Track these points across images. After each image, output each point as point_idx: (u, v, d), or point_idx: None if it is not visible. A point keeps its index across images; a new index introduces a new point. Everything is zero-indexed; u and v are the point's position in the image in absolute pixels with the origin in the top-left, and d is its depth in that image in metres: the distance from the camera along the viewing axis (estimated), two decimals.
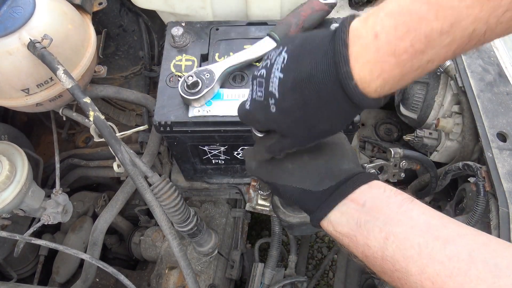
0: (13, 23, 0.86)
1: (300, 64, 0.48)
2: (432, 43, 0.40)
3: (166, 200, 0.86)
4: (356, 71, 0.43)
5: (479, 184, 0.86)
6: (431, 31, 0.39)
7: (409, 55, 0.41)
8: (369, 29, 0.43)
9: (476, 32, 0.38)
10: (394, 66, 0.42)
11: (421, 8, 0.39)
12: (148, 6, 1.16)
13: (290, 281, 1.26)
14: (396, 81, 0.44)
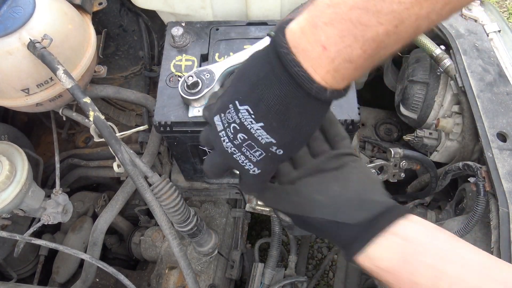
0: (13, 23, 0.86)
1: (268, 104, 0.47)
2: (382, 44, 0.41)
3: (166, 200, 0.86)
4: (322, 83, 0.44)
5: (479, 184, 0.86)
6: (377, 35, 0.40)
7: (364, 58, 0.42)
8: (312, 41, 0.43)
9: (421, 28, 0.40)
10: (353, 70, 0.43)
11: (361, 16, 0.39)
12: (148, 6, 1.16)
13: (290, 281, 1.26)
14: (358, 76, 0.46)
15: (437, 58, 1.03)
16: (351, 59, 0.42)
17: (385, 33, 0.39)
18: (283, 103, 0.47)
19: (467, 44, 1.05)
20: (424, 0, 0.37)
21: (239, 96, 0.49)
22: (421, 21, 0.39)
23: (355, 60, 0.42)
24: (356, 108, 0.90)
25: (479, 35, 1.08)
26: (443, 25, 1.08)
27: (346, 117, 0.89)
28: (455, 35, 1.06)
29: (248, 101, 0.49)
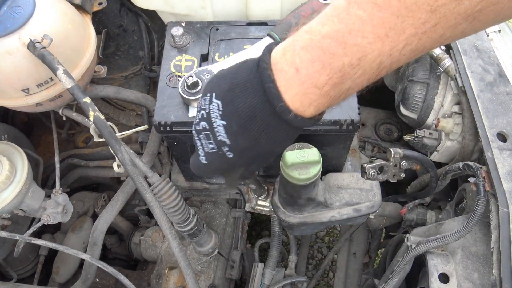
0: (13, 23, 0.86)
1: (236, 107, 0.50)
2: (347, 75, 0.43)
3: (166, 200, 0.86)
4: (289, 103, 0.47)
5: (479, 184, 0.86)
6: (343, 65, 0.42)
7: (330, 86, 0.44)
8: (289, 63, 0.46)
9: (383, 64, 0.42)
10: (319, 96, 0.46)
11: (330, 44, 0.42)
12: (148, 6, 1.16)
13: (290, 281, 1.26)
14: (326, 106, 0.49)
15: (437, 58, 1.03)
16: (318, 84, 0.44)
17: (350, 65, 0.42)
18: (249, 112, 0.50)
19: (467, 44, 1.05)
20: (385, 37, 0.39)
21: (217, 90, 0.53)
22: (383, 58, 0.41)
23: (322, 86, 0.44)
24: (356, 108, 0.90)
25: (479, 35, 1.08)
26: None
27: (346, 117, 0.89)
28: None
29: (221, 98, 0.52)
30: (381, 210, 1.24)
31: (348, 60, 0.42)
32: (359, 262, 1.55)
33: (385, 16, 0.38)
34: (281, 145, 0.54)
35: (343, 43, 0.41)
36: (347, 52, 0.41)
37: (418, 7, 0.37)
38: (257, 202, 1.12)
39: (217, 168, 0.59)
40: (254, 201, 1.12)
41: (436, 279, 0.85)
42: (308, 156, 0.81)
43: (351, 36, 0.41)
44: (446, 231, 0.92)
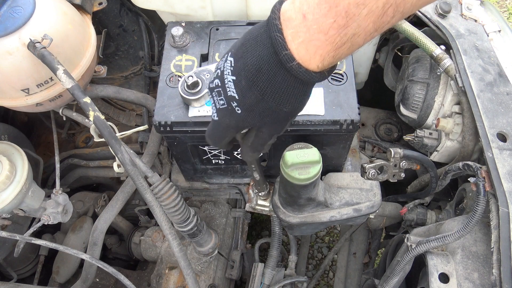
0: (13, 23, 0.86)
1: (246, 61, 0.50)
2: (352, 16, 0.42)
3: (166, 200, 0.86)
4: (294, 52, 0.46)
5: (479, 184, 0.86)
6: (348, 5, 0.42)
7: (335, 30, 0.44)
8: (297, 10, 0.45)
9: (389, 2, 0.41)
10: (325, 42, 0.45)
11: None
12: (148, 6, 1.16)
13: (290, 281, 1.26)
14: (332, 56, 0.47)
15: (437, 58, 1.03)
16: (323, 28, 0.44)
17: (355, 3, 0.41)
18: (256, 65, 0.49)
19: (467, 44, 1.05)
20: None
21: (232, 49, 0.53)
22: (387, 2, 0.41)
23: (327, 30, 0.44)
24: (356, 108, 0.90)
25: (479, 35, 1.08)
26: (443, 25, 1.08)
27: (346, 117, 0.89)
28: (455, 35, 1.06)
29: (234, 54, 0.52)
30: (381, 210, 1.24)
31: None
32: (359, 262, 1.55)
33: None
34: (289, 102, 0.52)
35: None
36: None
37: None
38: (257, 202, 1.12)
39: (228, 125, 0.58)
40: (254, 201, 1.12)
41: (436, 279, 0.85)
42: (308, 156, 0.81)
43: None
44: (446, 231, 0.92)
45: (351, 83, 0.94)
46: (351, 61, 0.98)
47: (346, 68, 0.96)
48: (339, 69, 0.96)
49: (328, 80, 0.94)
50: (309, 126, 0.90)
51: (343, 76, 0.95)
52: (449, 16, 1.10)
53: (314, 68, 0.48)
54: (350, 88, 0.93)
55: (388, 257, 1.22)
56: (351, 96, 0.92)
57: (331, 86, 0.93)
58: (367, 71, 1.40)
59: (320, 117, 0.89)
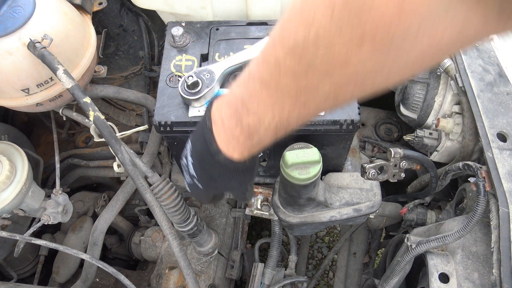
0: (13, 23, 0.86)
1: (195, 149, 0.63)
2: (254, 132, 0.51)
3: (166, 200, 0.86)
4: (221, 147, 0.57)
5: (479, 184, 0.86)
6: (248, 124, 0.51)
7: (244, 137, 0.53)
8: (218, 115, 0.56)
9: (279, 126, 0.49)
10: (238, 144, 0.55)
11: (239, 105, 0.51)
12: (148, 6, 1.16)
13: (290, 281, 1.26)
14: (248, 152, 0.57)
15: None
16: (235, 135, 0.54)
17: (253, 124, 0.51)
18: (201, 154, 0.61)
19: None
20: (273, 107, 0.47)
21: (192, 134, 0.65)
22: (277, 122, 0.49)
23: (237, 137, 0.54)
24: (356, 108, 0.90)
25: None
26: None
27: (346, 117, 0.89)
28: None
29: (191, 140, 0.65)
30: (381, 210, 1.24)
31: (251, 120, 0.50)
32: (359, 262, 1.55)
33: (270, 92, 0.46)
34: (233, 179, 0.63)
35: (246, 106, 0.50)
36: (250, 114, 0.50)
37: (287, 89, 0.44)
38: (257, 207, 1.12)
39: (197, 194, 0.71)
40: (254, 206, 1.13)
41: (436, 279, 0.85)
42: (308, 156, 0.81)
43: (251, 101, 0.49)
44: (446, 231, 0.92)
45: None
46: None
47: None
48: None
49: None
50: (309, 126, 0.90)
51: None
52: None
53: (238, 158, 0.58)
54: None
55: (388, 257, 1.22)
56: None
57: None
58: None
59: (320, 117, 0.89)
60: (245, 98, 0.50)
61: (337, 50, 0.37)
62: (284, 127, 0.50)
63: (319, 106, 0.47)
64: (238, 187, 0.67)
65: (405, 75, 0.41)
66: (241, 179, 0.65)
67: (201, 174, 0.65)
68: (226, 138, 0.56)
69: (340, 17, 0.35)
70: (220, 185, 0.66)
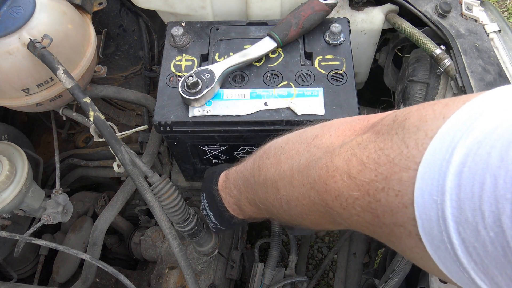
0: (13, 23, 0.86)
1: (211, 206, 0.86)
2: (256, 212, 0.80)
3: (166, 200, 0.86)
4: (230, 211, 0.83)
5: None
6: (245, 204, 0.80)
7: (246, 212, 0.82)
8: (226, 187, 0.83)
9: (273, 212, 0.75)
10: (241, 212, 0.82)
11: (241, 191, 0.79)
12: (148, 6, 1.16)
13: (290, 281, 1.26)
14: (250, 215, 0.81)
15: (437, 58, 1.03)
16: (241, 208, 0.81)
17: (249, 204, 0.77)
18: (214, 209, 0.86)
19: (467, 44, 1.05)
20: (252, 203, 0.77)
21: (204, 192, 0.89)
22: (264, 212, 0.76)
23: (244, 209, 0.80)
24: (356, 108, 0.90)
25: (479, 35, 1.08)
26: (443, 25, 1.08)
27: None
28: (455, 35, 1.06)
29: (206, 198, 0.88)
30: None
31: (247, 198, 0.78)
32: (359, 262, 1.55)
33: (250, 189, 0.75)
34: (243, 225, 0.92)
35: (244, 191, 0.78)
36: (248, 196, 0.77)
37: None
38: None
39: (220, 231, 1.10)
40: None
41: (436, 279, 0.85)
42: None
43: (249, 182, 0.75)
44: None
45: (351, 83, 0.94)
46: (351, 61, 0.98)
47: (346, 68, 0.96)
48: (339, 69, 0.96)
49: (328, 80, 0.94)
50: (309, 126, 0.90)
51: (343, 76, 0.95)
52: (449, 16, 1.10)
53: (241, 218, 0.83)
54: (350, 88, 0.93)
55: (388, 257, 1.22)
56: (351, 96, 0.92)
57: (331, 86, 0.93)
58: (367, 71, 1.40)
59: (320, 117, 0.89)
60: (244, 183, 0.76)
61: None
62: (277, 214, 0.73)
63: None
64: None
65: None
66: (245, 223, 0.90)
67: (221, 222, 0.87)
68: (232, 207, 0.82)
69: None
70: (236, 226, 0.98)
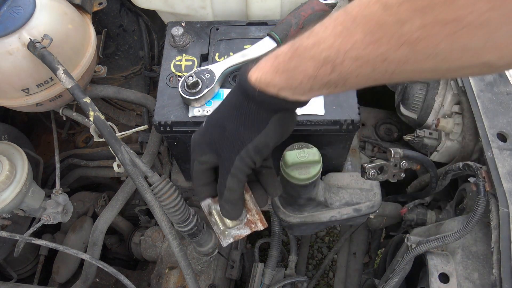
0: (13, 23, 0.86)
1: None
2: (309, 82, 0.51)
3: (166, 200, 0.86)
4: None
5: (479, 184, 0.86)
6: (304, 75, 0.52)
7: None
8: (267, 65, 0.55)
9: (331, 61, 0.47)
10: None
11: (292, 63, 0.51)
12: (148, 6, 1.16)
13: (290, 281, 1.26)
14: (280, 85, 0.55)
15: None
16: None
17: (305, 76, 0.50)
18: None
19: None
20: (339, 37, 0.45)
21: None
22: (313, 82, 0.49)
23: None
24: (356, 108, 0.90)
25: None
26: None
27: (346, 117, 0.89)
28: None
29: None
30: (381, 210, 1.24)
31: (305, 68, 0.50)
32: (359, 262, 1.55)
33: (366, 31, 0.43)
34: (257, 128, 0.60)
35: (296, 66, 0.51)
36: (304, 67, 0.50)
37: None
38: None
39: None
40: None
41: (436, 279, 0.85)
42: (308, 156, 0.81)
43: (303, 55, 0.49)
44: (446, 231, 0.92)
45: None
46: None
47: None
48: None
49: None
50: (309, 126, 0.90)
51: None
52: None
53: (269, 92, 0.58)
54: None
55: (388, 257, 1.22)
56: (351, 96, 0.92)
57: None
58: None
59: (320, 117, 0.89)
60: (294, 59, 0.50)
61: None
62: (331, 68, 0.46)
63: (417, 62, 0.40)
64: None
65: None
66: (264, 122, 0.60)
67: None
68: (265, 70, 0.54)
69: None
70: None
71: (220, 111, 0.63)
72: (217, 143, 0.63)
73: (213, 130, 0.63)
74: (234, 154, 0.60)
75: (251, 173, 0.63)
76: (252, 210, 0.73)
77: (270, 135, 0.59)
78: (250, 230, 0.74)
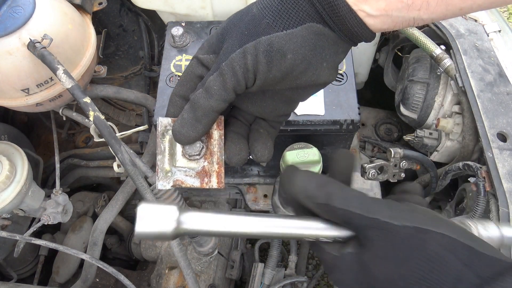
0: (13, 23, 0.86)
1: None
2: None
3: (166, 200, 0.86)
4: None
5: (479, 184, 0.86)
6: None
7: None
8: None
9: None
10: None
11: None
12: (148, 6, 1.16)
13: (290, 281, 1.26)
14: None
15: (437, 58, 1.03)
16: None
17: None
18: None
19: (467, 44, 1.05)
20: None
21: None
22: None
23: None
24: (356, 108, 0.90)
25: (479, 35, 1.08)
26: (443, 25, 1.08)
27: (346, 117, 0.89)
28: (455, 35, 1.06)
29: None
30: None
31: None
32: None
33: None
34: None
35: None
36: None
37: None
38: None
39: None
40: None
41: None
42: (308, 156, 0.81)
43: None
44: None
45: (351, 83, 0.94)
46: (351, 61, 0.98)
47: (346, 68, 0.96)
48: (339, 69, 0.96)
49: None
50: (309, 126, 0.90)
51: (343, 76, 0.95)
52: None
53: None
54: (350, 88, 0.93)
55: None
56: (351, 96, 0.92)
57: (331, 86, 0.93)
58: (367, 71, 1.40)
59: (320, 117, 0.89)
60: None
61: None
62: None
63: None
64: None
65: None
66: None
67: None
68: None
69: None
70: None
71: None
72: (229, 31, 0.48)
73: (235, 16, 0.49)
74: (238, 44, 0.46)
75: (242, 92, 0.47)
76: (214, 155, 0.53)
77: (293, 41, 0.44)
78: (200, 184, 0.53)
